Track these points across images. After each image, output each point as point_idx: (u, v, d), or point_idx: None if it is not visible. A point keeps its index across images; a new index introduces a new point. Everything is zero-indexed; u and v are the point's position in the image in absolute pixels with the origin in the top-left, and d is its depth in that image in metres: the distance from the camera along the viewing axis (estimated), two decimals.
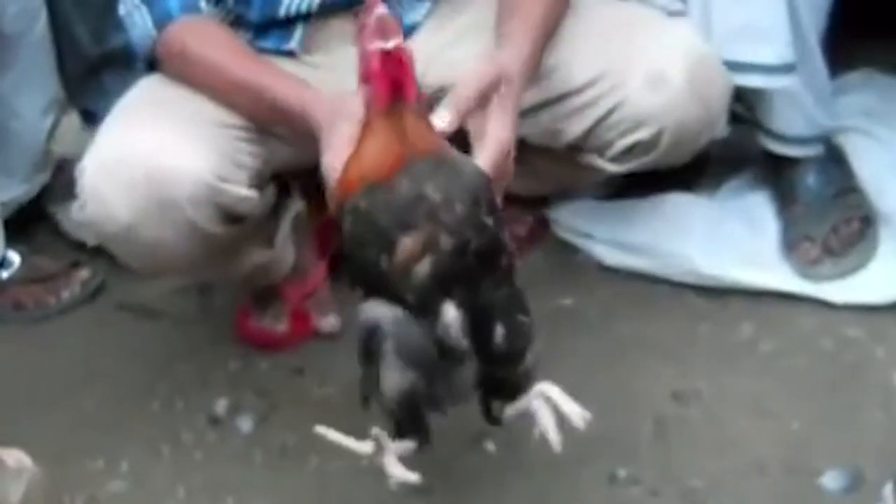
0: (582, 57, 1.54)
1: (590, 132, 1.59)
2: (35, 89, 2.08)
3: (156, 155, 1.46)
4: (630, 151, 1.59)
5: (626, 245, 1.86)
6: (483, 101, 1.35)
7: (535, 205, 1.94)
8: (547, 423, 1.26)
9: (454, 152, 1.26)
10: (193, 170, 1.47)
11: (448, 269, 1.19)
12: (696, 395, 1.64)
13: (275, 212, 1.74)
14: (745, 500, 1.48)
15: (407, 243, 1.17)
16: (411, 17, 1.66)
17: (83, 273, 2.03)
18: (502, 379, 1.29)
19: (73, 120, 2.21)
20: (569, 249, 1.91)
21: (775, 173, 1.87)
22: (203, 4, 1.59)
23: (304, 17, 1.62)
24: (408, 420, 1.28)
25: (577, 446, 1.55)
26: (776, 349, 1.70)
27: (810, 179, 1.83)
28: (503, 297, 1.25)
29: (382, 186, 1.19)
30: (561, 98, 1.58)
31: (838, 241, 1.78)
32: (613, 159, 1.62)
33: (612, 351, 1.73)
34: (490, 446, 1.58)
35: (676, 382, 1.65)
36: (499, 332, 1.25)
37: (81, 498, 1.63)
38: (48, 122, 2.11)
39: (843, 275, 1.76)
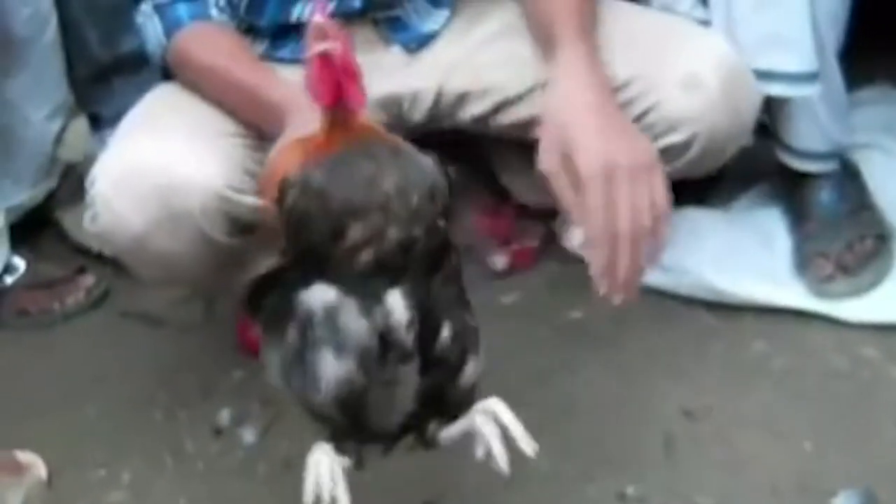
0: (612, 61, 1.52)
1: None
2: (44, 94, 2.07)
3: (167, 166, 1.45)
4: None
5: None
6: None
7: (546, 216, 1.92)
8: (493, 441, 1.19)
9: (412, 147, 1.21)
10: (205, 180, 1.46)
11: (392, 261, 1.14)
12: (706, 412, 1.62)
13: None
14: None
15: (355, 231, 1.12)
16: (428, 25, 1.66)
17: (88, 279, 2.02)
18: (443, 389, 1.23)
19: (79, 126, 2.20)
20: (579, 262, 1.89)
21: (789, 189, 1.85)
22: (214, 12, 1.59)
23: None
24: (345, 421, 1.23)
25: (585, 463, 1.55)
26: (788, 367, 1.68)
27: (825, 196, 1.81)
28: (451, 295, 1.21)
29: (340, 161, 1.14)
30: None
31: (853, 259, 1.76)
32: None
33: (621, 366, 1.71)
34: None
35: (687, 399, 1.63)
36: (445, 331, 1.20)
37: None
38: (56, 127, 2.10)
39: (857, 293, 1.75)
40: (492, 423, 1.20)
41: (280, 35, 1.63)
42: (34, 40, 2.01)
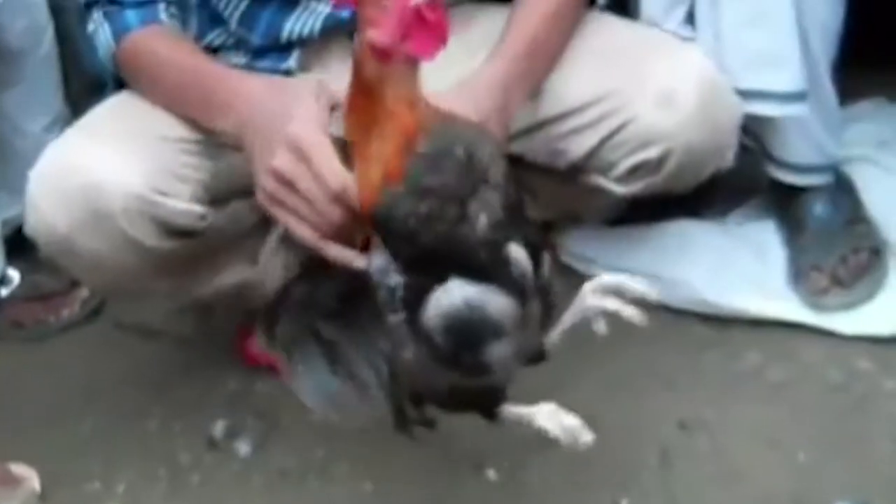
0: (588, 75, 1.53)
1: (594, 151, 1.57)
2: (40, 106, 2.07)
3: (91, 167, 1.46)
4: (634, 172, 1.58)
5: (631, 272, 1.83)
6: None
7: (542, 228, 1.92)
8: (620, 306, 1.32)
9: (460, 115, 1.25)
10: (126, 182, 1.46)
11: (504, 220, 1.20)
12: (701, 424, 1.62)
13: (263, 229, 1.72)
14: None
15: (473, 208, 1.17)
16: None
17: (83, 292, 2.02)
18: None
19: None
20: (573, 275, 1.89)
21: (783, 202, 1.85)
22: (164, 17, 1.58)
23: (304, 41, 1.61)
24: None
25: (580, 474, 1.55)
26: (783, 379, 1.68)
27: (819, 209, 1.81)
28: (538, 235, 1.28)
29: (434, 156, 1.17)
30: (564, 115, 1.56)
31: (847, 272, 1.76)
32: (618, 180, 1.60)
33: (616, 379, 1.71)
34: (491, 474, 1.56)
35: (682, 411, 1.63)
36: (545, 263, 1.27)
37: None
38: (52, 139, 2.09)
39: (851, 305, 1.75)
40: (605, 298, 1.33)
41: (264, 49, 1.62)
42: (29, 52, 2.01)
